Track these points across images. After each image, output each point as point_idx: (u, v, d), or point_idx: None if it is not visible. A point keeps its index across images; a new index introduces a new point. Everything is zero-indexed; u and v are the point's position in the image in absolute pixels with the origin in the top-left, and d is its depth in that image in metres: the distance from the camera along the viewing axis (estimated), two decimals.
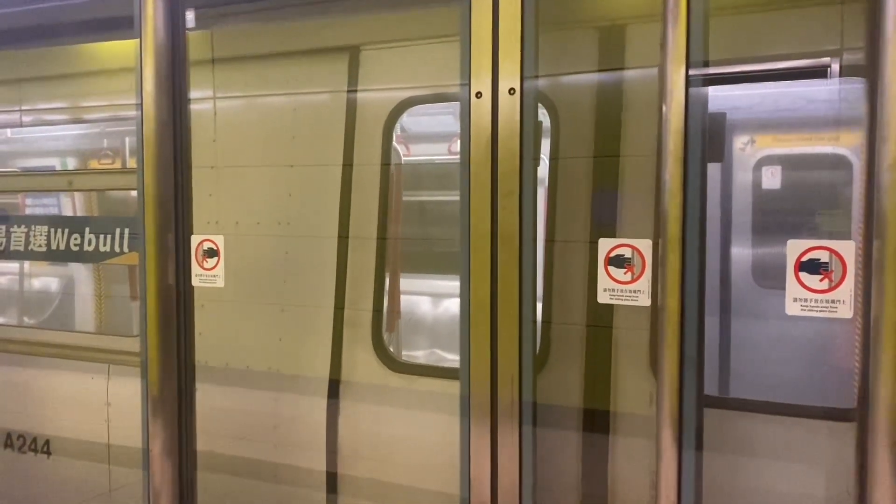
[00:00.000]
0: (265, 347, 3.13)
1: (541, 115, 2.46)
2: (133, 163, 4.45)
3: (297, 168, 3.07)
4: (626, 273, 2.16)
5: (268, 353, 3.12)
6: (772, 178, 3.82)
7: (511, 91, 2.21)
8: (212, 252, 2.78)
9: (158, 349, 2.75)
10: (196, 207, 2.85)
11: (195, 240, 2.79)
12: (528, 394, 2.26)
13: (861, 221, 1.98)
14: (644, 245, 2.15)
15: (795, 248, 1.92)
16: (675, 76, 1.99)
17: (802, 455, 2.31)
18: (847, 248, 1.89)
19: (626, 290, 2.16)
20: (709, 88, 2.16)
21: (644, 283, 2.14)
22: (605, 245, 2.19)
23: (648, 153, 2.39)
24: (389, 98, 2.93)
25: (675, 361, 2.01)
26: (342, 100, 3.00)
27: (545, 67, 2.44)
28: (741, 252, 3.99)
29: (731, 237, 3.93)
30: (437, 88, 2.92)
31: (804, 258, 1.91)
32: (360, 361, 2.96)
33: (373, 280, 2.95)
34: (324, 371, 3.00)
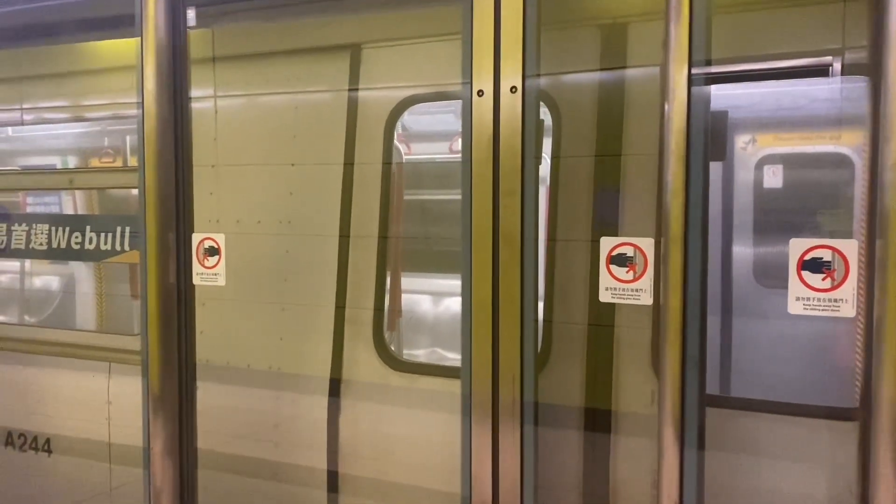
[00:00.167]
0: (266, 346, 3.13)
1: (542, 114, 2.46)
2: (134, 161, 4.47)
3: (299, 167, 3.07)
4: (628, 272, 2.15)
5: (269, 352, 3.12)
6: (773, 177, 3.82)
7: (513, 89, 2.20)
8: (213, 250, 2.78)
9: (159, 347, 2.74)
10: (197, 206, 2.85)
11: (196, 238, 2.79)
12: (530, 393, 2.25)
13: (863, 220, 1.98)
14: (646, 244, 2.14)
15: (798, 247, 1.92)
16: (678, 75, 1.98)
17: (804, 454, 2.30)
18: (849, 247, 1.88)
19: (628, 289, 2.16)
20: (711, 87, 2.16)
21: (646, 282, 2.13)
22: (607, 244, 2.18)
23: (650, 152, 2.38)
24: (391, 96, 2.92)
25: (677, 360, 2.01)
26: (343, 98, 2.99)
27: (547, 66, 2.43)
28: (742, 251, 3.98)
29: (733, 236, 3.93)
30: (439, 87, 2.92)
31: (807, 257, 1.91)
32: (361, 360, 2.96)
33: (374, 279, 2.94)
34: (325, 370, 3.00)
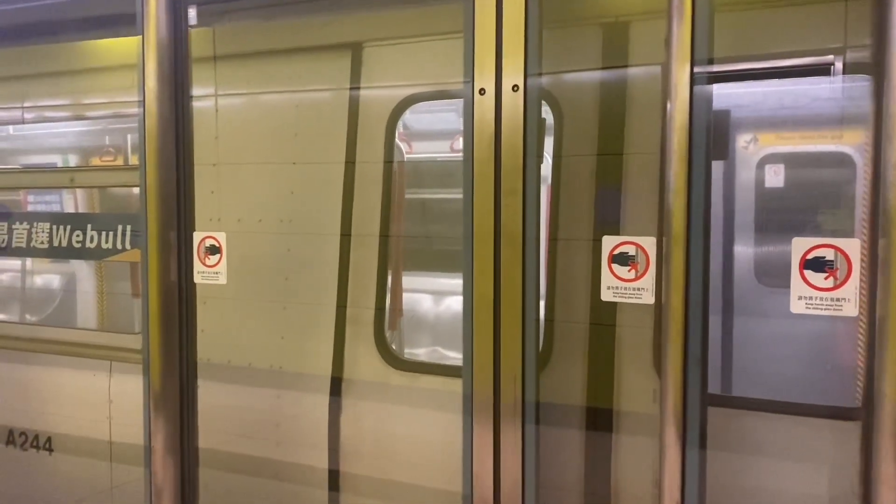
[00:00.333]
0: (267, 345, 3.12)
1: (544, 113, 2.46)
2: (135, 160, 4.47)
3: (300, 165, 3.07)
4: (630, 271, 2.15)
5: (270, 351, 3.12)
6: (775, 176, 3.81)
7: (514, 88, 2.20)
8: (214, 249, 2.77)
9: (160, 346, 2.74)
10: (198, 204, 2.84)
11: (197, 237, 2.79)
12: (531, 392, 2.25)
13: (864, 219, 1.98)
14: (648, 243, 2.14)
15: (800, 246, 1.91)
16: (680, 73, 1.97)
17: (806, 454, 2.30)
18: (852, 246, 1.88)
19: (630, 288, 2.15)
20: (713, 86, 2.15)
21: (648, 281, 2.13)
22: (609, 243, 2.18)
23: (652, 151, 2.37)
24: (392, 95, 2.92)
25: (679, 359, 2.01)
26: (345, 97, 2.99)
27: (549, 64, 2.43)
28: (744, 250, 3.97)
29: (735, 235, 3.92)
30: (440, 85, 2.91)
31: (809, 256, 1.91)
32: (363, 359, 2.95)
33: (375, 278, 2.94)
34: (326, 368, 3.00)
